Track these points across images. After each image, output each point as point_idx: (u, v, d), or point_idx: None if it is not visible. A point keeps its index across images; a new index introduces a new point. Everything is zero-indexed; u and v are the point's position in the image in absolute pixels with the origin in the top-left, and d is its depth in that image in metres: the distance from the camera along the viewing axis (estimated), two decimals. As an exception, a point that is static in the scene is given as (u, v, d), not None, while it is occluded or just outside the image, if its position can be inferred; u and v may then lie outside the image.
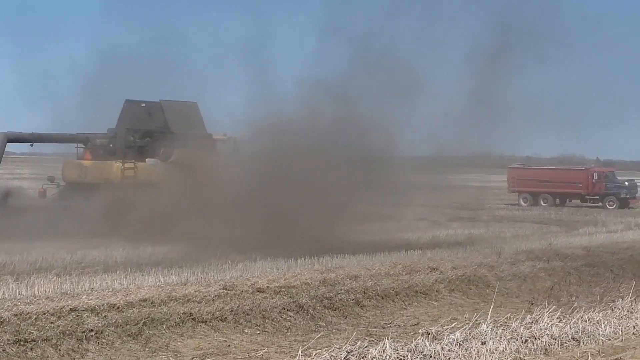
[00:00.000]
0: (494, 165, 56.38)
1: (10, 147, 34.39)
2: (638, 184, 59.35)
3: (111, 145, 32.72)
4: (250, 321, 14.37)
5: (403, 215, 33.94)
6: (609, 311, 16.78)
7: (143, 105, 33.52)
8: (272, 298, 15.40)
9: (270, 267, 19.33)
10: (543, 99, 33.04)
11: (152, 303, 14.08)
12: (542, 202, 57.52)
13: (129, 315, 13.42)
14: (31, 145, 32.95)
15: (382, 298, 16.97)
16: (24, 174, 61.17)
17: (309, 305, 15.47)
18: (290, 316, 14.95)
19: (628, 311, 17.06)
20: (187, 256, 21.38)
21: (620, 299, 18.17)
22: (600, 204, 56.84)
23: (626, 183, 57.81)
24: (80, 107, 33.18)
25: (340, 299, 16.18)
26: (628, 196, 57.04)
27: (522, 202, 58.12)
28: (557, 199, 57.75)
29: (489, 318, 14.43)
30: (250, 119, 29.63)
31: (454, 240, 27.66)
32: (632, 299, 18.10)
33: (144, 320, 13.28)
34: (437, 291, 18.12)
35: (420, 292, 17.79)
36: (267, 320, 14.57)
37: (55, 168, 34.45)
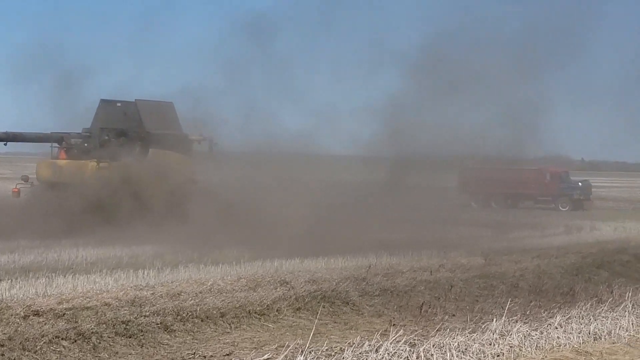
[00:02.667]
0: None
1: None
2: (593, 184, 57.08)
3: (86, 144, 32.58)
4: (2, 355, 11.75)
5: None
6: (478, 334, 14.33)
7: (119, 104, 33.50)
8: (47, 324, 12.78)
9: (98, 280, 16.79)
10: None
11: None
12: (493, 204, 55.13)
13: None
14: (5, 144, 32.63)
15: (202, 320, 14.32)
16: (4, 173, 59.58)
17: (94, 332, 12.84)
18: (63, 347, 12.33)
19: (499, 334, 14.61)
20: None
21: (494, 319, 15.77)
22: (553, 205, 54.51)
23: (580, 184, 55.44)
24: (55, 106, 34.15)
25: (142, 323, 13.57)
26: (582, 197, 54.67)
27: (473, 204, 55.70)
28: (509, 200, 55.36)
29: (306, 347, 11.94)
30: None
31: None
32: (506, 319, 15.68)
33: None
34: (277, 311, 15.46)
35: (254, 312, 15.13)
36: (27, 354, 11.95)
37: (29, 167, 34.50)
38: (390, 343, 12.38)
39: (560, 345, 13.83)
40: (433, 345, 12.82)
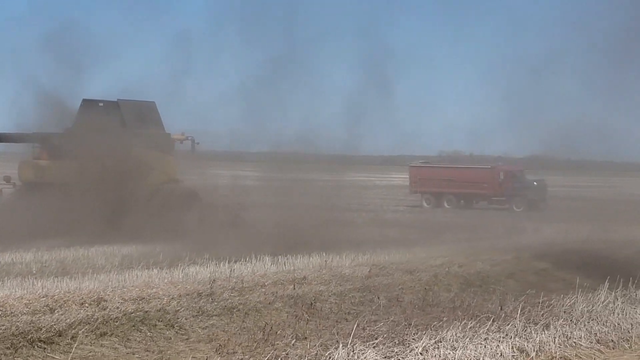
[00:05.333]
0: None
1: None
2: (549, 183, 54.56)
3: (68, 144, 32.16)
4: None
5: None
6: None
7: (101, 104, 33.44)
8: None
9: None
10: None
11: None
12: (445, 204, 52.60)
13: None
14: None
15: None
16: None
17: None
18: None
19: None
20: None
21: (341, 345, 13.25)
22: (507, 206, 51.98)
23: (535, 183, 52.93)
24: (38, 106, 33.71)
25: None
26: (537, 197, 52.12)
27: (424, 204, 53.19)
28: (462, 200, 52.82)
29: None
30: None
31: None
32: (361, 344, 13.22)
33: None
34: (72, 337, 12.82)
35: (38, 340, 12.48)
36: None
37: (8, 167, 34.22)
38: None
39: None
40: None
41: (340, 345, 13.07)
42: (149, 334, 13.64)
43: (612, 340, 15.08)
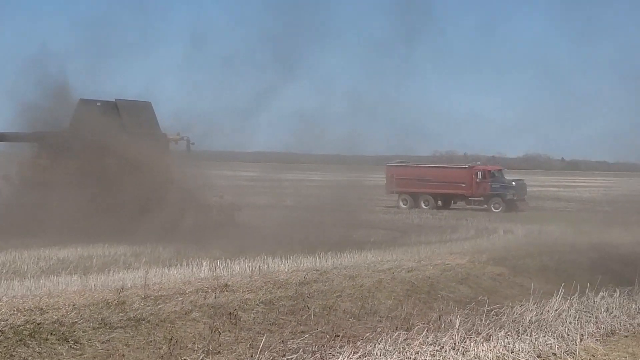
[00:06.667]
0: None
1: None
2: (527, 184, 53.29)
3: (66, 143, 31.80)
4: None
5: None
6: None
7: (98, 104, 33.22)
8: None
9: None
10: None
11: None
12: (423, 204, 51.26)
13: None
14: None
15: None
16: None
17: None
18: None
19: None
20: None
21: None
22: (485, 206, 50.65)
23: (513, 183, 51.61)
24: (38, 105, 33.43)
25: None
26: (515, 198, 50.81)
27: (401, 204, 51.84)
28: (440, 201, 51.50)
29: None
30: None
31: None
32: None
33: None
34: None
35: None
36: None
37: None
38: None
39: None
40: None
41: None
42: (37, 349, 12.33)
43: (554, 354, 13.82)
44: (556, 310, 16.88)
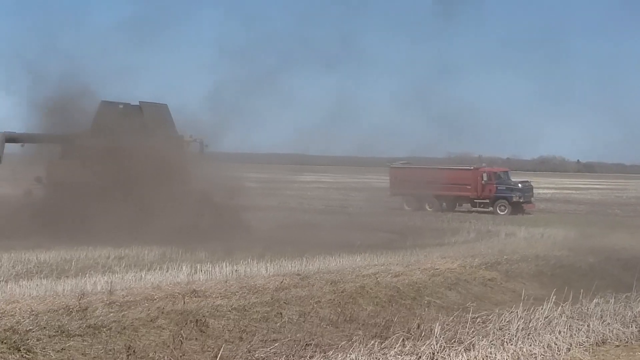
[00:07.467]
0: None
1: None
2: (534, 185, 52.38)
3: (91, 145, 31.67)
4: None
5: None
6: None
7: (121, 106, 33.34)
8: None
9: None
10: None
11: None
12: (427, 207, 50.40)
13: None
14: (22, 146, 33.32)
15: None
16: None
17: None
18: None
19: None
20: None
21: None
22: (490, 208, 49.75)
23: (520, 185, 50.69)
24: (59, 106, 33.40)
25: None
26: (522, 200, 49.88)
27: (405, 206, 51.01)
28: (444, 203, 50.58)
29: None
30: None
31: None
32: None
33: None
34: None
35: None
36: None
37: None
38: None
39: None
40: None
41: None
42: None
43: (536, 365, 13.07)
44: (546, 317, 16.10)
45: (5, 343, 12.05)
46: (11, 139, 32.96)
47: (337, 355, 12.76)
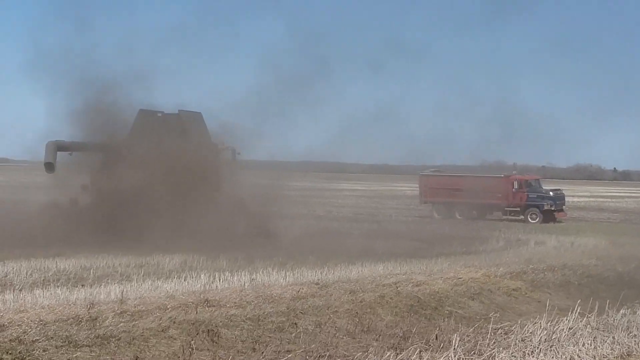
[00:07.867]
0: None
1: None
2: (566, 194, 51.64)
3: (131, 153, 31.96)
4: None
5: None
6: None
7: (159, 115, 33.73)
8: None
9: None
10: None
11: None
12: (457, 215, 49.85)
13: None
14: (70, 154, 33.62)
15: None
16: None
17: None
18: None
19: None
20: None
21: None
22: (521, 216, 49.09)
23: (551, 193, 50.01)
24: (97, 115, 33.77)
25: None
26: (553, 208, 49.18)
27: (435, 214, 50.53)
28: (474, 211, 49.97)
29: None
30: None
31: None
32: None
33: None
34: None
35: None
36: None
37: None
38: None
39: None
40: None
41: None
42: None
43: (558, 379, 12.61)
44: (570, 328, 15.61)
45: (10, 354, 11.81)
46: (62, 147, 33.43)
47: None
